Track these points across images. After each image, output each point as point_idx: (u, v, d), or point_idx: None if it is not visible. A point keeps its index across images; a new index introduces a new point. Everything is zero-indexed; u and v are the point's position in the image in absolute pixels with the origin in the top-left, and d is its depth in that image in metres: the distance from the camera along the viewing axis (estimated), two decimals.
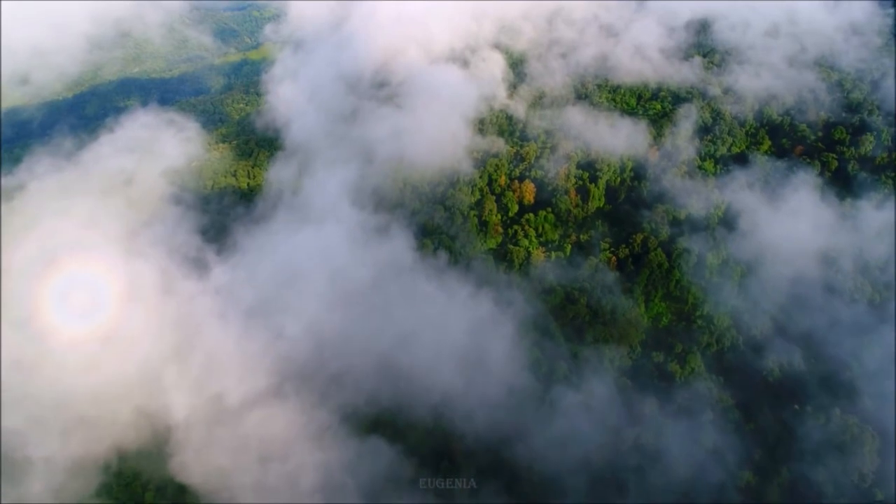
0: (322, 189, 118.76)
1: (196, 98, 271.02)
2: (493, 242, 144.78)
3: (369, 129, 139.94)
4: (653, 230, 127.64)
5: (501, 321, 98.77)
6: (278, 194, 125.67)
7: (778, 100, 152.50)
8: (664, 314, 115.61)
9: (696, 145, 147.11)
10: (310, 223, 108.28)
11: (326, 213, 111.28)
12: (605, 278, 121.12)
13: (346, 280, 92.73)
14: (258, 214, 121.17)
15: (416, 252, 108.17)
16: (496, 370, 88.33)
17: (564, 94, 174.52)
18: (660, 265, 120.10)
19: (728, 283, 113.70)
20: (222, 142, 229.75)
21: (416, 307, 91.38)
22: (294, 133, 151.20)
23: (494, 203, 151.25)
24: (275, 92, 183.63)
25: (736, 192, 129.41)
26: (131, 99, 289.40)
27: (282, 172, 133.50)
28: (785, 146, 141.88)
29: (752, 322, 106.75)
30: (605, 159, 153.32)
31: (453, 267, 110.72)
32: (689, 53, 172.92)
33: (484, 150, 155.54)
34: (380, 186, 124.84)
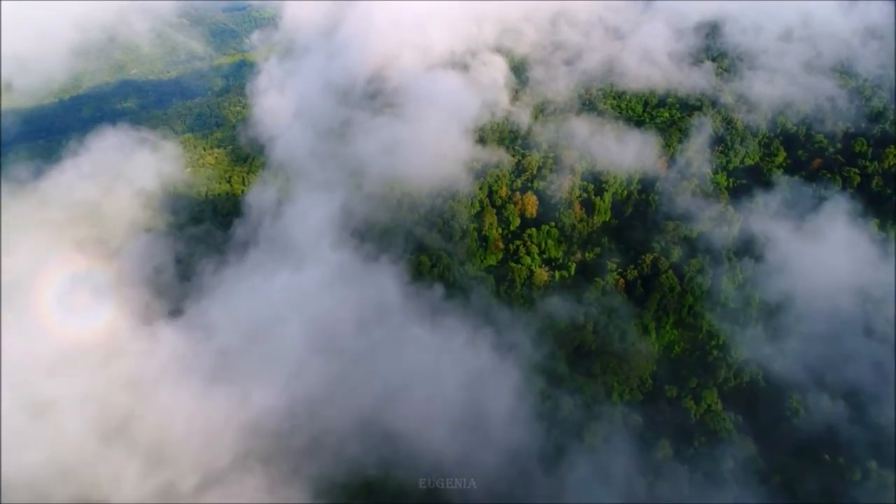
0: (305, 218, 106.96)
1: (192, 101, 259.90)
2: (493, 259, 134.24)
3: (361, 144, 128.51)
4: (663, 250, 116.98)
5: (502, 365, 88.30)
6: (257, 223, 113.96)
7: (792, 108, 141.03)
8: (676, 342, 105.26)
9: (706, 157, 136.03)
10: (288, 260, 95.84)
11: (308, 247, 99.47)
12: (613, 302, 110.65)
13: (327, 327, 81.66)
14: (232, 247, 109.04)
15: (408, 286, 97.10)
16: (496, 422, 78.07)
17: (568, 101, 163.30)
18: (671, 289, 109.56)
19: (745, 311, 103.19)
20: (218, 146, 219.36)
21: (407, 356, 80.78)
22: (279, 150, 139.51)
23: (495, 216, 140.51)
24: (260, 104, 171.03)
25: (751, 209, 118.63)
26: (128, 101, 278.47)
27: (262, 196, 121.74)
28: (801, 158, 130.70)
29: (773, 355, 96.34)
30: (610, 171, 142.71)
31: (450, 300, 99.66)
32: (698, 58, 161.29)
33: (484, 161, 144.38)
34: (371, 209, 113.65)
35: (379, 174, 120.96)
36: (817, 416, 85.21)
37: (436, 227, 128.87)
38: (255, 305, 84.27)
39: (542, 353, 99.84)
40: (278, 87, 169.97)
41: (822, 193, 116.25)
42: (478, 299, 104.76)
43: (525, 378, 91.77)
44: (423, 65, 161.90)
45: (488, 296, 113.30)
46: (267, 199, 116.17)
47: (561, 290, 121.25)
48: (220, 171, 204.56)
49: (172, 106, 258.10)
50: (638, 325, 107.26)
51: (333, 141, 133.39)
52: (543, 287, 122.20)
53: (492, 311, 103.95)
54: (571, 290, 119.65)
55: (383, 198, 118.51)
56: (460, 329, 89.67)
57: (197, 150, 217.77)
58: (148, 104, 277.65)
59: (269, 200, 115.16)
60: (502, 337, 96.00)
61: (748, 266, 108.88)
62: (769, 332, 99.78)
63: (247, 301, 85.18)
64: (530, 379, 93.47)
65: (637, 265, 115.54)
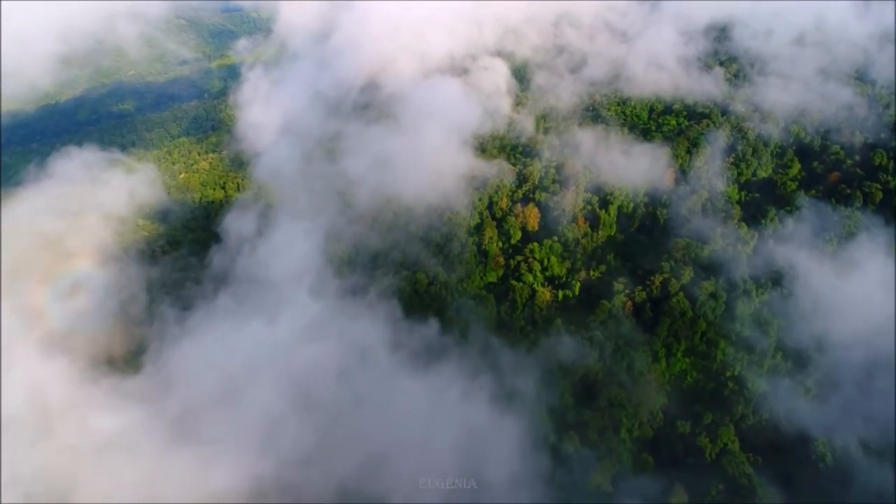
0: (286, 250, 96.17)
1: (188, 104, 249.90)
2: (493, 275, 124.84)
3: (352, 158, 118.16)
4: (673, 270, 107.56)
5: (502, 407, 79.04)
6: (234, 253, 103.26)
7: (806, 116, 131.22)
8: (688, 372, 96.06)
9: (717, 169, 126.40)
10: (266, 302, 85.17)
11: (288, 285, 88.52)
12: (620, 327, 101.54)
13: (306, 380, 71.89)
14: (207, 281, 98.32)
15: (399, 323, 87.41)
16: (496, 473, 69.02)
17: (571, 108, 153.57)
18: (682, 314, 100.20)
19: (763, 339, 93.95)
20: (213, 151, 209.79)
21: (398, 409, 71.15)
22: (262, 169, 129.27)
23: (495, 229, 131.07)
24: (244, 117, 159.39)
25: (766, 227, 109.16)
26: (124, 103, 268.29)
27: (242, 222, 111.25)
28: (817, 171, 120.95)
29: (795, 389, 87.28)
30: (615, 182, 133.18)
31: (446, 334, 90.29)
32: (706, 63, 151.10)
33: (484, 171, 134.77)
34: (360, 232, 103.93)
35: (371, 191, 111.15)
36: (847, 463, 76.27)
37: (432, 244, 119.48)
38: (226, 356, 74.24)
39: (546, 386, 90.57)
40: (264, 98, 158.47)
41: (842, 210, 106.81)
42: (476, 331, 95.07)
43: (528, 416, 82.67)
44: (421, 70, 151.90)
45: (487, 322, 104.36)
46: (246, 225, 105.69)
47: (564, 311, 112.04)
48: (214, 176, 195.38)
49: (168, 109, 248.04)
50: (647, 353, 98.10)
51: (322, 156, 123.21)
52: (546, 308, 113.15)
53: (491, 343, 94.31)
54: (575, 312, 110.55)
55: (375, 218, 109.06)
56: (456, 370, 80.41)
57: (192, 155, 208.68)
58: (144, 107, 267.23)
59: (249, 227, 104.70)
60: (502, 373, 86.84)
61: (765, 289, 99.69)
62: (790, 364, 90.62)
63: (217, 351, 74.85)
64: (534, 416, 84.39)
65: (645, 287, 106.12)
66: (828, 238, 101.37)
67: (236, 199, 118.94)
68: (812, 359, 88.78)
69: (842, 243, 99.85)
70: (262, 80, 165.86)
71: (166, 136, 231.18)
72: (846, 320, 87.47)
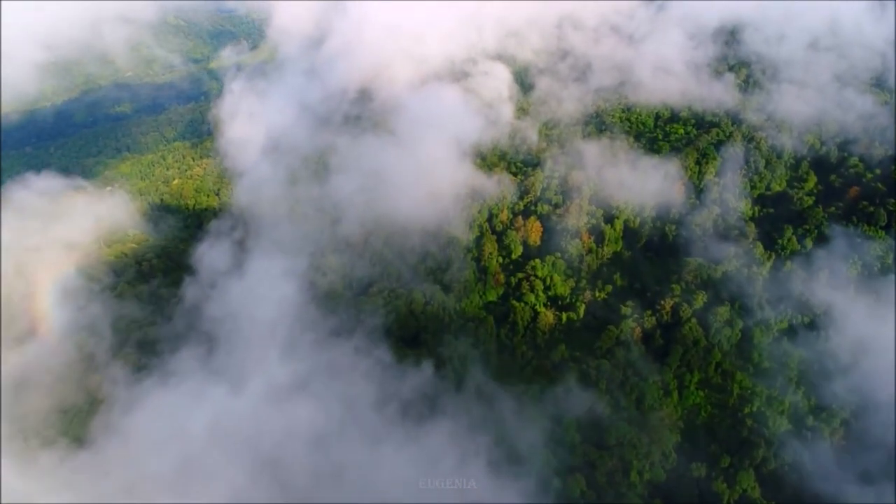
0: (263, 291, 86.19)
1: (185, 106, 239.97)
2: (493, 294, 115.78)
3: (342, 175, 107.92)
4: (684, 293, 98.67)
5: (504, 455, 70.27)
6: (203, 297, 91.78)
7: (822, 126, 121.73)
8: (702, 406, 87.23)
9: (729, 181, 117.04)
10: (234, 359, 75.14)
11: (261, 335, 79.30)
12: (629, 356, 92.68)
13: (279, 456, 62.17)
14: (168, 335, 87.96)
15: (388, 370, 78.13)
16: None
17: (574, 114, 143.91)
18: (695, 342, 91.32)
19: (783, 371, 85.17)
20: (208, 156, 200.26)
21: (385, 478, 62.70)
22: (241, 193, 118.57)
23: (495, 244, 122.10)
24: (226, 133, 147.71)
25: (784, 247, 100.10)
26: (122, 105, 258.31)
27: (215, 257, 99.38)
28: (835, 185, 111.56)
29: (820, 430, 78.53)
30: (621, 195, 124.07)
31: (440, 380, 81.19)
32: (716, 69, 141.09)
33: (483, 183, 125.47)
34: (347, 264, 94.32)
35: (362, 211, 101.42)
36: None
37: (429, 265, 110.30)
38: (187, 425, 64.77)
39: (549, 422, 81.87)
40: (247, 111, 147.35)
41: (865, 229, 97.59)
42: (474, 369, 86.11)
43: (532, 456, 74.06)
44: (418, 76, 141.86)
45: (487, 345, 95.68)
46: (221, 258, 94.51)
47: (568, 335, 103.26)
48: (209, 182, 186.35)
49: (165, 111, 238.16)
50: (657, 384, 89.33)
51: (309, 175, 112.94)
52: (549, 331, 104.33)
53: (490, 379, 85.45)
54: (580, 337, 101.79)
55: (365, 242, 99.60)
56: (452, 421, 71.30)
57: (186, 160, 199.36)
58: (142, 108, 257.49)
59: (224, 261, 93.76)
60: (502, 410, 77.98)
61: (783, 317, 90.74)
62: (813, 401, 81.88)
63: (176, 420, 65.09)
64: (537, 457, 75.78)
65: (655, 312, 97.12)
66: (851, 262, 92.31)
67: (212, 227, 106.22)
68: (838, 396, 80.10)
69: (867, 268, 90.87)
70: (245, 90, 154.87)
71: (161, 139, 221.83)
72: (874, 354, 78.75)
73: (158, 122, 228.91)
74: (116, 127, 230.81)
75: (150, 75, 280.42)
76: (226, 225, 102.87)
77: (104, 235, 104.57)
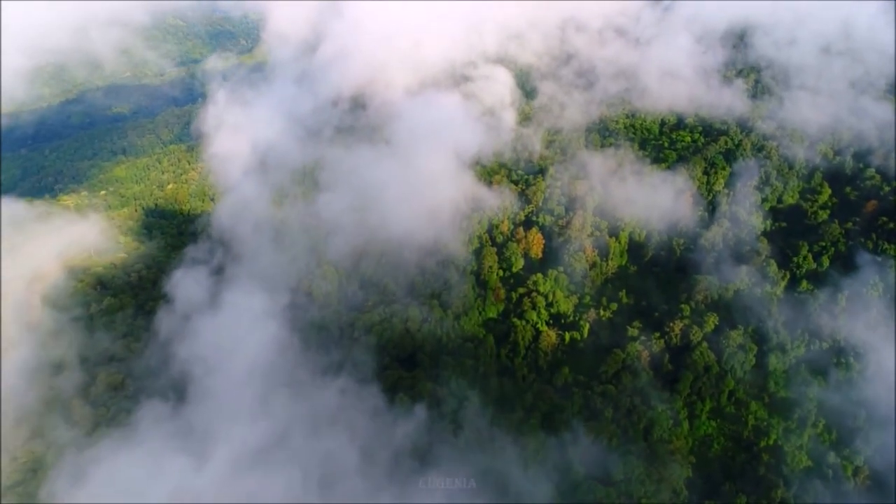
0: (239, 332, 77.34)
1: (182, 108, 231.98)
2: (493, 310, 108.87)
3: (333, 195, 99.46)
4: (694, 314, 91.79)
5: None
6: (174, 338, 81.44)
7: (836, 136, 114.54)
8: (715, 438, 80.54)
9: (739, 193, 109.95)
10: (203, 416, 66.39)
11: (234, 386, 71.01)
12: (637, 381, 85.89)
13: None
14: (132, 386, 78.43)
15: (378, 419, 70.54)
16: None
17: (577, 120, 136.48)
18: (706, 368, 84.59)
19: (802, 402, 78.38)
20: (203, 160, 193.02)
21: None
22: (223, 215, 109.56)
23: (495, 256, 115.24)
24: (209, 149, 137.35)
25: (799, 265, 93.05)
26: (119, 106, 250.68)
27: (190, 290, 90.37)
28: (850, 198, 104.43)
29: (843, 468, 71.84)
30: (625, 206, 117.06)
31: (436, 421, 74.09)
32: (725, 74, 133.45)
33: (482, 193, 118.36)
34: (334, 293, 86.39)
35: (353, 231, 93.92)
36: None
37: (427, 278, 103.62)
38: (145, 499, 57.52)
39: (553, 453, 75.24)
40: (235, 123, 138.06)
41: (884, 247, 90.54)
42: (472, 408, 79.04)
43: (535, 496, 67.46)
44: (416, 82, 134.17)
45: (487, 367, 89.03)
46: (196, 292, 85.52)
47: (572, 356, 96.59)
48: (204, 186, 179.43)
49: (161, 114, 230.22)
50: (667, 413, 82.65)
51: (297, 193, 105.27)
52: (552, 351, 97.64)
53: (487, 414, 78.65)
54: (584, 359, 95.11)
55: (358, 261, 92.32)
56: (448, 469, 64.48)
57: (181, 164, 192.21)
58: (139, 110, 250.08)
59: (199, 295, 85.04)
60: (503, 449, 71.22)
61: (801, 342, 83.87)
62: (834, 435, 75.20)
63: (133, 494, 57.92)
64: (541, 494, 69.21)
65: (663, 334, 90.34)
66: (872, 283, 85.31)
67: (187, 254, 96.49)
68: (862, 431, 73.44)
69: (890, 289, 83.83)
70: (231, 100, 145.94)
71: (158, 142, 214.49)
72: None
73: (155, 125, 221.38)
74: (112, 129, 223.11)
75: (148, 76, 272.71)
76: (204, 249, 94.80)
77: (71, 262, 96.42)
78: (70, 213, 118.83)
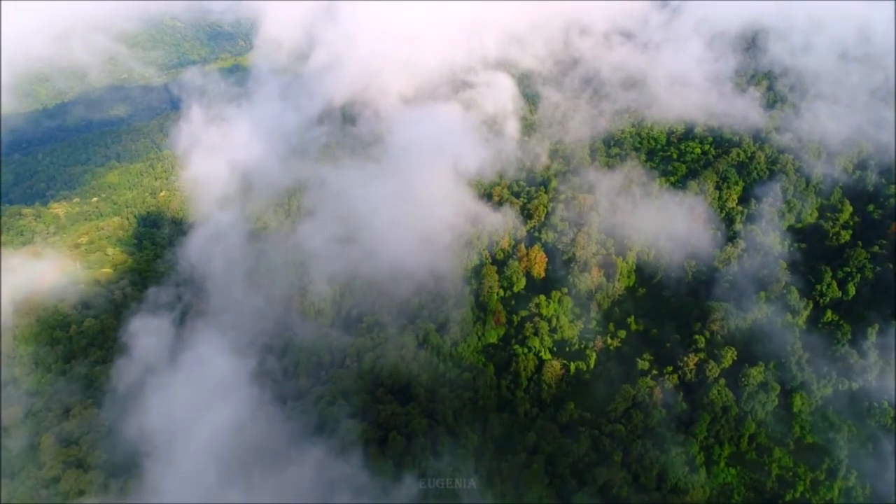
0: (204, 387, 67.64)
1: (177, 112, 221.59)
2: (493, 335, 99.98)
3: (317, 223, 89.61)
4: (709, 346, 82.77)
5: None
6: (132, 392, 71.04)
7: (856, 148, 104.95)
8: (735, 488, 71.78)
9: (754, 209, 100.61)
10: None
11: (197, 453, 61.65)
12: (648, 421, 77.15)
13: None
14: (81, 456, 67.41)
15: (361, 491, 62.12)
16: None
17: (581, 130, 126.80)
18: (724, 409, 75.71)
19: (833, 448, 69.63)
20: None
21: None
22: (192, 248, 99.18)
23: (496, 275, 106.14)
24: (187, 169, 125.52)
25: (823, 293, 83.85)
26: (116, 108, 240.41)
27: (150, 338, 79.46)
28: (874, 217, 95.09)
29: None
30: (633, 223, 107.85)
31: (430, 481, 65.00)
32: (737, 82, 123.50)
33: (482, 210, 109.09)
34: (318, 334, 77.37)
35: (341, 261, 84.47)
36: None
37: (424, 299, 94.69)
38: None
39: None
40: (211, 144, 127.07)
41: None
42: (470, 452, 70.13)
43: None
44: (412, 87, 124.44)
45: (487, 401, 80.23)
46: (157, 340, 75.52)
47: (577, 389, 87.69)
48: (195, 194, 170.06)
49: (157, 117, 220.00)
50: (682, 458, 73.96)
51: (278, 220, 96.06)
52: (556, 383, 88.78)
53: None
54: (591, 393, 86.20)
55: (341, 298, 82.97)
56: None
57: (175, 170, 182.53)
58: (137, 112, 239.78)
59: (161, 344, 75.26)
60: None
61: (828, 381, 75.00)
62: (868, 489, 66.48)
63: None
64: None
65: (677, 368, 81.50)
66: None
67: (151, 295, 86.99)
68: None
69: None
70: (210, 117, 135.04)
71: (153, 146, 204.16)
72: None
73: (150, 128, 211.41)
74: (108, 133, 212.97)
75: (145, 78, 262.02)
76: (170, 294, 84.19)
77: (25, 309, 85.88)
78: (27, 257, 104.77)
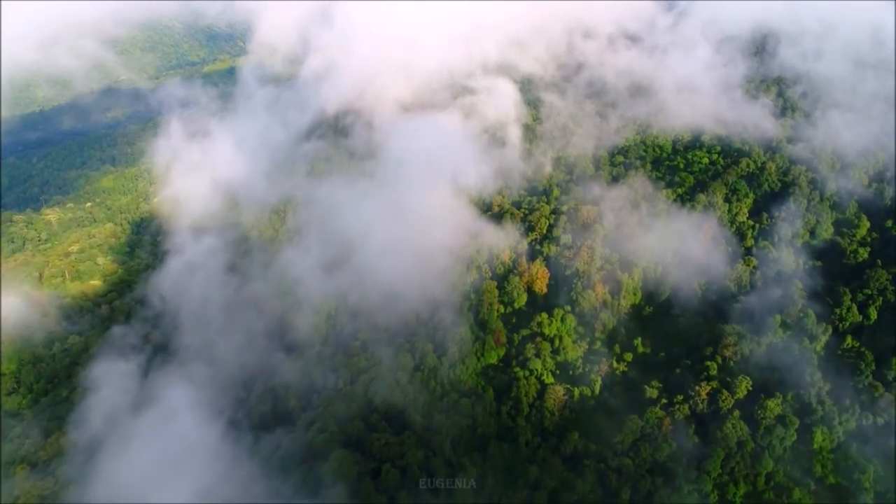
0: (176, 434, 61.34)
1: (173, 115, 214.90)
2: (493, 356, 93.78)
3: (303, 248, 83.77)
4: (721, 372, 76.63)
5: None
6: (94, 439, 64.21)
7: (872, 159, 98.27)
8: None
9: (766, 224, 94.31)
10: None
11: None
12: (658, 455, 71.21)
13: None
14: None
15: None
16: None
17: (584, 139, 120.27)
18: (740, 444, 69.76)
19: (857, 491, 63.63)
20: None
21: None
22: (165, 280, 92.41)
23: (496, 291, 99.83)
24: (167, 185, 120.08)
25: (843, 317, 77.63)
26: (113, 111, 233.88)
27: (113, 386, 72.88)
28: (893, 234, 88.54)
29: None
30: (639, 237, 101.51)
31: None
32: (746, 88, 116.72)
33: (481, 225, 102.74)
34: (302, 368, 71.54)
35: (329, 287, 78.54)
36: None
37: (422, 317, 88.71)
38: None
39: None
40: (194, 160, 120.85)
41: None
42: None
43: None
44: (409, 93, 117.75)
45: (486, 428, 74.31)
46: (123, 384, 69.51)
47: (582, 416, 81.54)
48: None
49: (154, 120, 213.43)
50: (694, 497, 68.07)
51: (261, 246, 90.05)
52: (559, 410, 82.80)
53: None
54: (596, 421, 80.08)
55: (325, 336, 76.68)
56: None
57: (169, 175, 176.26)
58: (134, 114, 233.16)
59: (127, 387, 68.84)
60: None
61: (850, 414, 68.92)
62: None
63: None
64: None
65: (688, 398, 75.39)
66: None
67: (115, 335, 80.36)
68: None
69: None
70: (191, 133, 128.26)
71: (148, 150, 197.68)
72: None
73: (145, 133, 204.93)
74: (103, 136, 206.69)
75: (143, 79, 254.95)
76: (136, 333, 77.89)
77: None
78: None
